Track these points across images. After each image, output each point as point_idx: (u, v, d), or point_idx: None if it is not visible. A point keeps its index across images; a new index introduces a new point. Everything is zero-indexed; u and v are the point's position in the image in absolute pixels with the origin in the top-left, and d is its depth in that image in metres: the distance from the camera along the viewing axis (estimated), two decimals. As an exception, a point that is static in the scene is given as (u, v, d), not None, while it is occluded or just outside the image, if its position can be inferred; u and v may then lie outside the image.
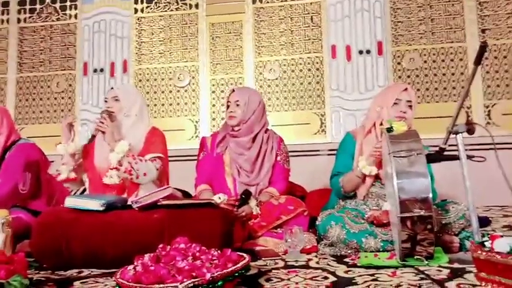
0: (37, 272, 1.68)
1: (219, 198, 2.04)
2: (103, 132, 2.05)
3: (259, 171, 2.20)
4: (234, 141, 2.24)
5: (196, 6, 3.89)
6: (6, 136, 2.22)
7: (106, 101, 2.18)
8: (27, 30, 4.08)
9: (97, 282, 1.51)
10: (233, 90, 2.30)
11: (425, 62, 3.59)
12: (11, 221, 1.71)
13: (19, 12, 4.09)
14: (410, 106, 1.99)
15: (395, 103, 1.98)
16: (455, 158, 1.69)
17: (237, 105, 2.22)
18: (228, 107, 2.26)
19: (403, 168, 1.59)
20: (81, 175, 2.15)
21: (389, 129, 1.75)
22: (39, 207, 2.15)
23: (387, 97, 2.02)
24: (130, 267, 1.35)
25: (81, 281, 1.53)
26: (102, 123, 2.05)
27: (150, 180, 2.05)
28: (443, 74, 3.56)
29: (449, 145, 1.76)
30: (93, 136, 2.09)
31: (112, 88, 2.22)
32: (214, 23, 3.86)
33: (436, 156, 1.74)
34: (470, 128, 1.70)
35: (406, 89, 2.02)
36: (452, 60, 3.56)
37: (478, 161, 1.69)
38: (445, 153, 1.75)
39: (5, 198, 2.09)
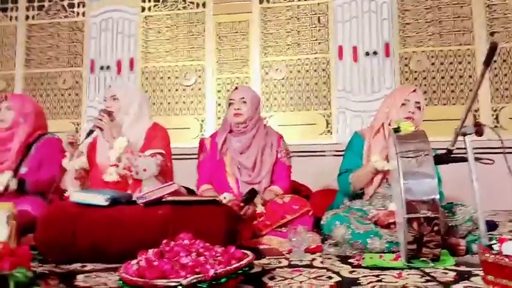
0: (41, 265, 1.67)
1: (224, 198, 2.03)
2: (101, 130, 2.05)
3: (260, 168, 2.19)
4: (237, 139, 2.23)
5: (204, 5, 3.90)
6: (33, 128, 2.28)
7: (105, 100, 2.18)
8: (35, 27, 4.10)
9: (100, 276, 1.51)
10: (236, 88, 2.30)
11: (432, 64, 3.57)
12: (17, 214, 1.72)
13: (27, 9, 4.12)
14: (418, 107, 1.97)
15: (403, 104, 1.96)
16: (463, 159, 1.66)
17: (243, 102, 2.21)
18: (230, 104, 2.24)
19: (410, 168, 1.57)
20: (87, 185, 2.16)
21: (397, 130, 1.73)
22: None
23: (395, 98, 2.01)
24: (134, 262, 1.35)
25: (85, 275, 1.52)
26: (101, 120, 2.05)
27: (150, 175, 2.04)
28: (451, 77, 3.54)
29: (457, 148, 1.74)
30: (91, 131, 2.09)
31: (110, 86, 2.21)
32: (221, 23, 3.87)
33: (444, 157, 1.72)
34: (478, 130, 1.67)
35: (414, 90, 2.00)
36: (460, 62, 3.54)
37: (487, 164, 1.66)
38: (453, 155, 1.73)
39: (44, 184, 2.13)
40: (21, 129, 2.26)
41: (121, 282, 1.28)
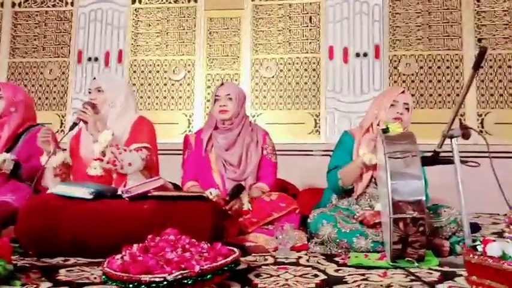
0: (22, 258, 1.64)
1: (211, 193, 2.01)
2: (85, 122, 2.01)
3: (245, 165, 2.18)
4: (223, 136, 2.21)
5: (195, -1, 3.87)
6: (23, 118, 2.27)
7: (90, 92, 2.13)
8: (21, 15, 4.00)
9: (83, 270, 1.48)
10: (222, 84, 2.27)
11: (421, 67, 3.61)
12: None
13: (14, -4, 4.02)
14: (407, 108, 1.99)
15: (392, 105, 1.98)
16: (450, 161, 1.69)
17: (229, 98, 2.19)
18: (216, 101, 2.22)
19: (398, 169, 1.58)
20: (69, 180, 2.11)
21: (385, 130, 1.75)
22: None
23: (384, 99, 2.03)
24: (118, 256, 1.32)
25: (67, 269, 1.49)
26: (85, 112, 2.01)
27: (135, 170, 2.01)
28: (439, 81, 3.59)
29: (443, 151, 1.76)
30: (75, 124, 2.04)
31: (95, 78, 2.15)
32: (213, 18, 3.84)
33: (431, 159, 1.74)
34: (465, 133, 1.70)
35: (403, 92, 2.02)
36: (448, 67, 3.59)
37: (472, 166, 1.69)
38: (439, 157, 1.75)
39: (37, 172, 2.07)
40: (12, 119, 2.24)
41: (105, 277, 1.26)
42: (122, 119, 2.10)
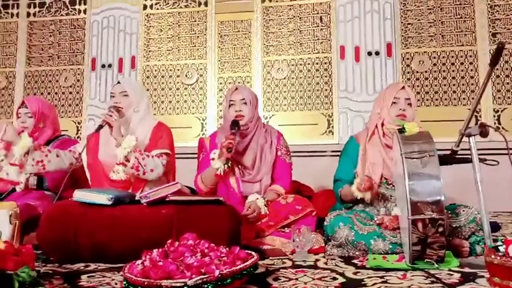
0: (44, 264, 1.67)
1: (214, 153, 2.06)
2: (110, 126, 2.04)
3: (260, 167, 2.17)
4: (239, 141, 2.21)
5: (205, 3, 3.89)
6: (52, 130, 2.39)
7: (113, 96, 2.14)
8: (36, 25, 4.08)
9: (104, 276, 1.50)
10: (236, 88, 2.23)
11: (434, 64, 3.57)
12: (21, 209, 1.72)
13: (29, 6, 4.10)
14: (409, 104, 1.96)
15: (393, 102, 1.96)
16: (468, 160, 1.67)
17: (244, 103, 2.18)
18: (230, 105, 2.20)
19: (415, 169, 1.57)
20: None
21: (402, 130, 1.73)
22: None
23: (385, 98, 2.01)
24: (139, 262, 1.34)
25: (88, 274, 1.52)
26: (111, 116, 2.03)
27: (156, 176, 2.04)
28: (453, 78, 3.54)
29: (460, 149, 1.74)
30: (100, 126, 2.06)
31: (119, 82, 2.16)
32: (223, 21, 3.86)
33: (448, 158, 1.72)
34: (483, 131, 1.67)
35: (403, 88, 2.00)
36: (462, 63, 3.54)
37: (491, 165, 1.66)
38: (457, 156, 1.73)
39: (61, 181, 2.10)
40: (42, 133, 2.34)
41: (126, 282, 1.27)
42: (144, 124, 2.13)
